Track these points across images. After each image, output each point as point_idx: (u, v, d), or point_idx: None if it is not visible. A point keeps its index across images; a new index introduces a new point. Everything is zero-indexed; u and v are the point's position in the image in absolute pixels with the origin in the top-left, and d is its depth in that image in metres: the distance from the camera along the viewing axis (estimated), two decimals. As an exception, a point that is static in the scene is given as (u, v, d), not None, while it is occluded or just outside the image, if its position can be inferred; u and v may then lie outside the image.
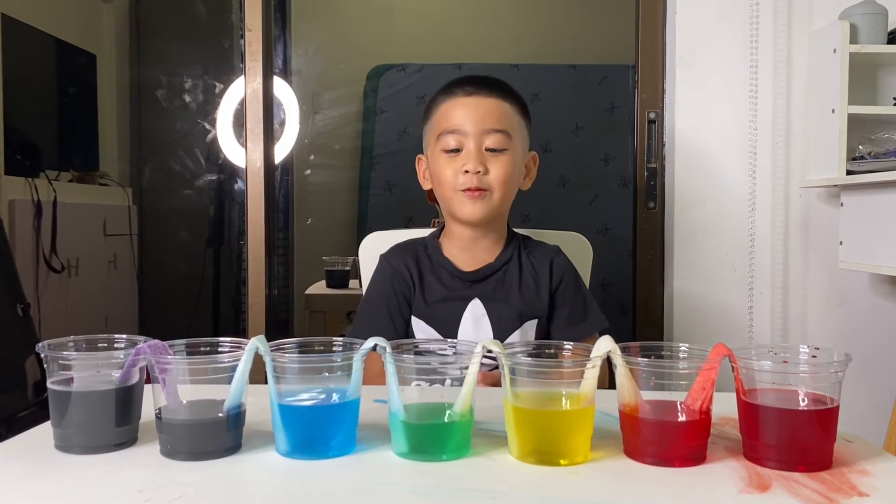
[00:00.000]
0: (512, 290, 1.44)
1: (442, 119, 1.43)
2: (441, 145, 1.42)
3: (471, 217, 1.41)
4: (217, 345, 0.94)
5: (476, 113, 1.40)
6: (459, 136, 1.40)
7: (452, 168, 1.40)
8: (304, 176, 4.54)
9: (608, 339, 0.90)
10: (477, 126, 1.39)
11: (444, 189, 1.43)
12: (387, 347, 0.89)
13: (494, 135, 1.40)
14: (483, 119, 1.40)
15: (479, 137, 1.39)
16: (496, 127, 1.40)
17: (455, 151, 1.40)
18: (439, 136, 1.42)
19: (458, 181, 1.40)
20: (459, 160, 1.40)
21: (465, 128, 1.40)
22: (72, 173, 3.78)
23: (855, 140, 2.05)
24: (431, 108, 1.48)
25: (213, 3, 4.34)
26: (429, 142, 1.48)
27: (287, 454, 0.89)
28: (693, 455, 0.88)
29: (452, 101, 1.43)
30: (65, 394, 0.91)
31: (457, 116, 1.41)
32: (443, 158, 1.42)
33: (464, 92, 1.42)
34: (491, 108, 1.41)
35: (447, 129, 1.41)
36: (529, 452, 0.88)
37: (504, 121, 1.42)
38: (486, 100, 1.42)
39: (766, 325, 2.28)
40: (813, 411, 0.86)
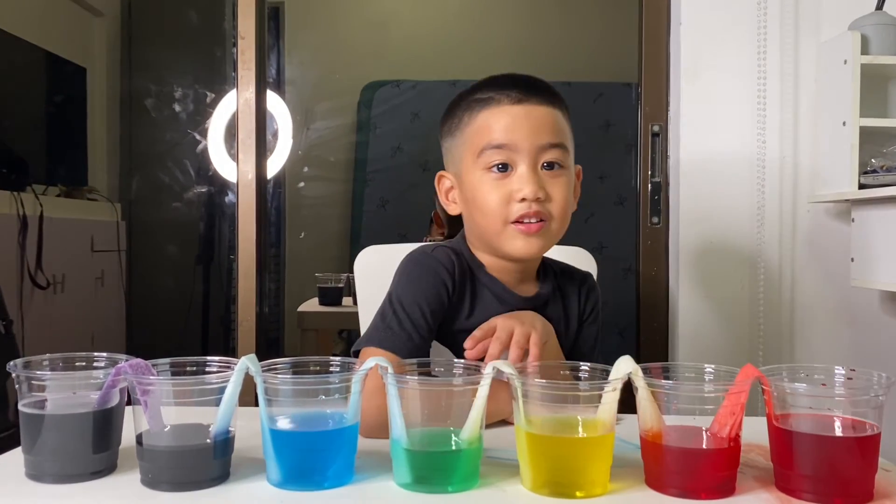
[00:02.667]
0: (559, 320, 1.26)
1: (483, 131, 1.16)
2: (482, 162, 1.15)
3: (524, 255, 1.17)
4: (204, 364, 0.88)
5: (529, 124, 1.14)
6: (508, 152, 1.14)
7: (501, 194, 1.14)
8: (296, 189, 4.51)
9: (628, 359, 0.84)
10: (532, 140, 1.14)
11: (489, 220, 1.16)
12: (388, 368, 0.83)
13: (552, 150, 1.15)
14: (538, 132, 1.14)
15: (534, 154, 1.14)
16: (554, 140, 1.15)
17: (502, 169, 1.15)
18: (481, 151, 1.15)
19: (510, 211, 1.14)
20: (511, 183, 1.14)
21: (515, 142, 1.14)
22: (59, 188, 3.73)
23: (867, 154, 2.01)
24: (462, 115, 1.20)
25: (205, 11, 4.32)
26: (460, 157, 1.20)
27: (279, 484, 0.84)
28: (721, 486, 0.83)
29: (495, 109, 1.16)
30: (37, 417, 0.85)
31: (503, 127, 1.14)
32: (487, 181, 1.15)
33: (510, 99, 1.16)
34: (545, 117, 1.16)
35: (492, 142, 1.14)
36: (543, 483, 0.83)
37: (561, 132, 1.17)
38: (539, 108, 1.16)
39: (775, 346, 2.23)
40: (853, 438, 0.81)
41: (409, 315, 1.14)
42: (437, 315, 1.17)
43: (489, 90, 1.18)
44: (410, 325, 1.13)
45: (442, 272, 1.18)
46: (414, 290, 1.16)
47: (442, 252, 1.21)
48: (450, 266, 1.19)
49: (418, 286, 1.17)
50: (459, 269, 1.20)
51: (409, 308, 1.14)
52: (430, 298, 1.16)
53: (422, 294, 1.16)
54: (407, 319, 1.13)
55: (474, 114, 1.18)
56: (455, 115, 1.22)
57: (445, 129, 1.25)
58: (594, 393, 0.83)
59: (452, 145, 1.23)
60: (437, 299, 1.16)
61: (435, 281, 1.17)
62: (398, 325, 1.13)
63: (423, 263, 1.19)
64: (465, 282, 1.21)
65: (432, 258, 1.20)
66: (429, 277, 1.17)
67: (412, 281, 1.18)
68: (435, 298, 1.16)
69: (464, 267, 1.21)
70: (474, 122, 1.18)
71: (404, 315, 1.14)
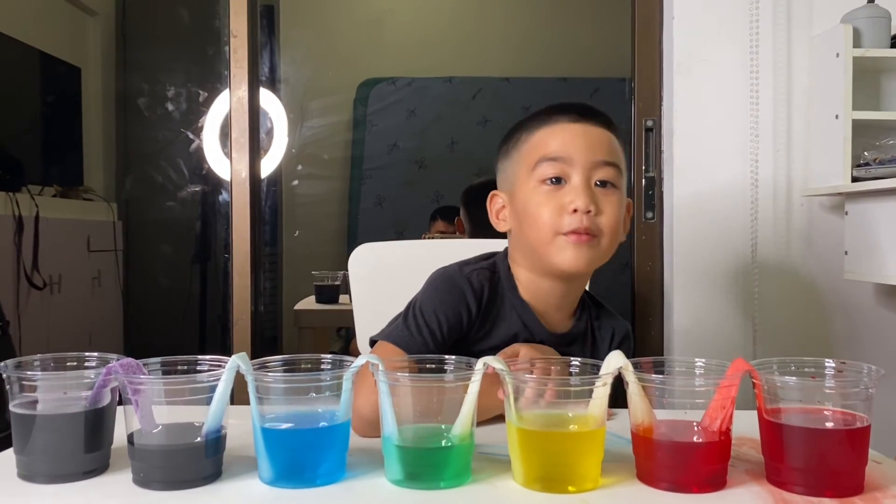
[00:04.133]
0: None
1: (539, 145, 1.18)
2: (537, 175, 1.16)
3: (572, 266, 1.15)
4: (195, 363, 0.88)
5: (586, 140, 1.16)
6: (563, 166, 1.15)
7: (553, 205, 1.14)
8: (291, 187, 4.50)
9: (619, 354, 0.84)
10: (587, 156, 1.15)
11: (540, 232, 1.16)
12: (379, 365, 0.83)
13: (606, 168, 1.16)
14: (593, 148, 1.16)
15: (588, 170, 1.15)
16: (608, 158, 1.16)
17: (556, 182, 1.15)
18: (536, 163, 1.17)
19: (562, 222, 1.13)
20: (563, 195, 1.14)
21: (571, 155, 1.15)
22: (55, 188, 3.73)
23: (859, 147, 2.01)
24: (519, 136, 1.22)
25: (199, 10, 4.30)
26: (516, 174, 1.21)
27: (271, 482, 0.83)
28: (712, 480, 0.83)
29: (553, 126, 1.18)
30: (28, 417, 0.85)
31: (560, 142, 1.16)
32: (541, 192, 1.16)
33: (568, 118, 1.18)
34: (601, 137, 1.18)
35: (547, 155, 1.16)
36: (535, 478, 0.83)
37: (615, 153, 1.18)
38: (596, 128, 1.18)
39: (770, 339, 2.23)
40: (843, 431, 0.81)
41: (428, 323, 1.16)
42: (454, 332, 1.18)
43: (548, 113, 1.21)
44: (428, 331, 1.15)
45: (468, 293, 1.19)
46: (437, 302, 1.18)
47: (475, 275, 1.22)
48: (479, 290, 1.20)
49: (442, 300, 1.19)
50: (490, 293, 1.21)
51: (428, 317, 1.17)
52: (450, 315, 1.18)
53: (443, 308, 1.18)
54: (425, 326, 1.16)
55: (532, 132, 1.20)
56: (513, 137, 1.24)
57: (503, 151, 1.26)
58: (585, 388, 0.83)
59: (508, 165, 1.25)
60: (457, 318, 1.18)
61: (459, 300, 1.19)
62: (416, 329, 1.16)
63: (452, 280, 1.21)
64: (493, 305, 1.22)
65: (463, 279, 1.21)
66: (454, 295, 1.19)
67: (438, 293, 1.20)
68: (455, 316, 1.18)
69: (495, 290, 1.22)
70: (531, 139, 1.20)
71: (423, 322, 1.16)
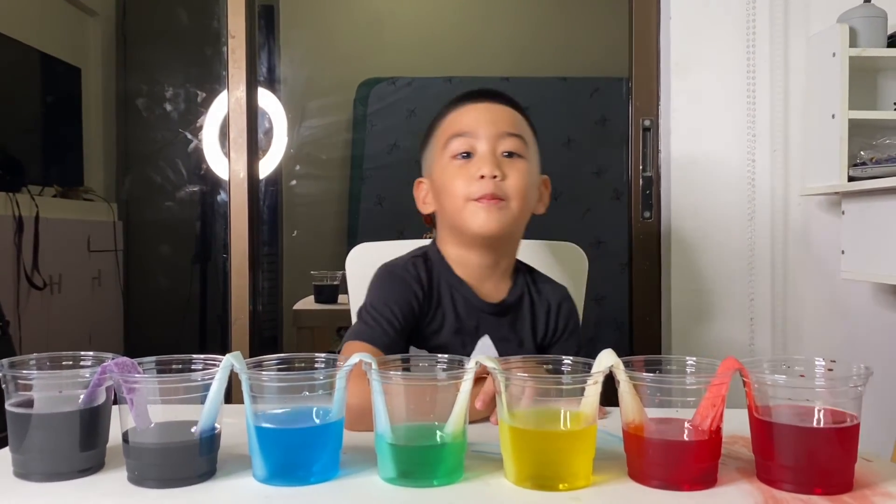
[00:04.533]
0: (524, 329, 1.31)
1: (449, 127, 1.30)
2: (450, 151, 1.27)
3: (485, 228, 1.23)
4: (190, 362, 0.88)
5: (489, 116, 1.28)
6: (470, 140, 1.26)
7: (464, 176, 1.25)
8: (291, 187, 4.50)
9: (610, 352, 0.84)
10: (490, 129, 1.26)
11: (454, 200, 1.26)
12: (372, 364, 0.83)
13: (510, 139, 1.26)
14: (497, 122, 1.27)
15: (493, 141, 1.25)
16: (511, 130, 1.27)
17: (466, 157, 1.26)
18: (447, 141, 1.28)
19: (471, 190, 1.23)
20: (472, 166, 1.25)
21: (476, 130, 1.26)
22: (55, 188, 3.73)
23: (856, 146, 2.01)
24: (435, 124, 1.35)
25: (198, 11, 4.30)
26: (433, 157, 1.32)
27: (265, 480, 0.84)
28: (703, 477, 0.83)
29: (461, 108, 1.31)
30: (24, 416, 0.85)
31: (467, 120, 1.28)
32: (452, 166, 1.27)
33: (473, 100, 1.31)
34: (504, 113, 1.29)
35: (455, 132, 1.27)
36: (527, 476, 0.83)
37: (519, 126, 1.29)
38: (499, 106, 1.30)
39: (767, 338, 2.23)
40: (833, 429, 0.81)
41: (382, 314, 1.22)
42: (409, 318, 1.24)
43: (457, 99, 1.33)
44: (385, 321, 1.21)
45: (412, 281, 1.26)
46: (386, 295, 1.25)
47: (411, 264, 1.30)
48: (419, 276, 1.27)
49: (390, 292, 1.25)
50: (428, 277, 1.28)
51: (381, 309, 1.22)
52: (401, 303, 1.24)
53: (393, 298, 1.24)
54: (381, 317, 1.21)
55: (444, 117, 1.33)
56: (431, 126, 1.36)
57: (423, 144, 1.37)
58: (576, 386, 0.83)
59: (427, 153, 1.36)
60: (408, 305, 1.24)
61: (405, 288, 1.26)
62: (373, 321, 1.21)
63: (393, 273, 1.29)
64: (434, 289, 1.28)
65: (403, 270, 1.28)
66: (399, 284, 1.26)
67: (384, 288, 1.27)
68: (406, 304, 1.24)
69: (431, 274, 1.29)
70: (443, 123, 1.32)
71: (378, 314, 1.22)
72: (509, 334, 1.29)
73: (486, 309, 1.28)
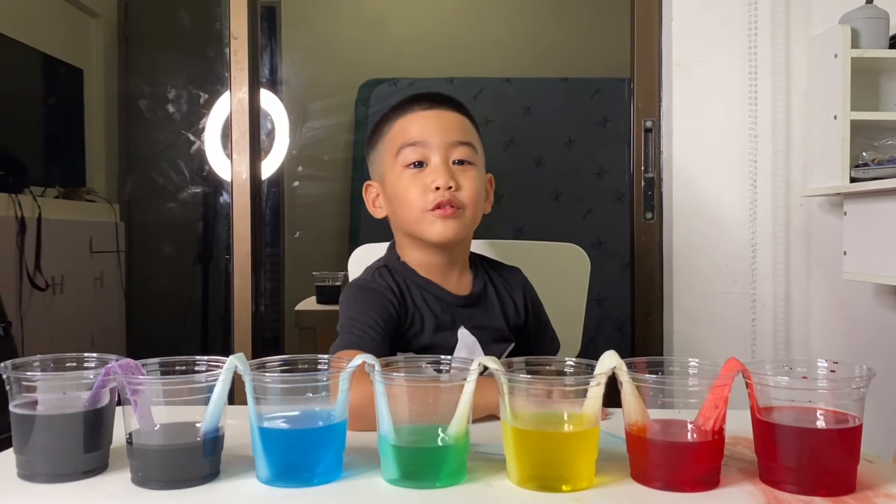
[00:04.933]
0: (495, 316, 1.36)
1: (399, 134, 1.30)
2: (401, 160, 1.28)
3: (442, 237, 1.27)
4: (194, 363, 0.88)
5: (440, 124, 1.29)
6: (422, 149, 1.27)
7: (418, 186, 1.26)
8: (293, 188, 4.50)
9: (613, 354, 0.84)
10: (442, 138, 1.27)
11: (410, 211, 1.28)
12: (375, 365, 0.84)
13: (461, 147, 1.28)
14: (447, 131, 1.29)
15: (445, 150, 1.27)
16: (461, 139, 1.29)
17: (418, 166, 1.27)
18: (399, 150, 1.29)
19: (427, 200, 1.26)
20: (426, 176, 1.26)
21: (428, 140, 1.27)
22: (57, 189, 3.73)
23: (858, 147, 2.01)
24: (382, 128, 1.35)
25: (200, 12, 4.31)
26: (383, 162, 1.33)
27: (268, 481, 0.84)
28: (705, 479, 0.83)
29: (410, 115, 1.31)
30: (28, 417, 0.85)
31: (417, 128, 1.29)
32: (405, 176, 1.28)
33: (421, 107, 1.31)
34: (454, 120, 1.31)
35: (406, 141, 1.28)
36: (529, 478, 0.83)
37: (468, 133, 1.31)
38: (447, 113, 1.31)
39: (769, 339, 2.23)
40: (835, 430, 0.81)
41: (365, 323, 1.22)
42: (390, 325, 1.25)
43: (403, 104, 1.33)
44: (369, 328, 1.21)
45: (386, 293, 1.28)
46: (363, 307, 1.25)
47: (377, 276, 1.31)
48: (389, 286, 1.29)
49: (366, 304, 1.26)
50: (397, 284, 1.30)
51: (363, 320, 1.23)
52: (380, 310, 1.25)
53: (372, 307, 1.25)
54: (365, 326, 1.22)
55: (393, 122, 1.32)
56: (377, 130, 1.36)
57: (370, 144, 1.38)
58: (579, 388, 0.84)
59: (376, 156, 1.36)
60: (387, 312, 1.25)
61: (379, 297, 1.27)
62: (359, 331, 1.21)
63: (364, 287, 1.30)
64: (405, 294, 1.30)
65: (374, 283, 1.30)
66: (373, 295, 1.27)
67: (359, 302, 1.27)
68: (385, 312, 1.25)
69: (399, 281, 1.31)
70: (392, 129, 1.32)
71: (360, 324, 1.22)
72: (483, 322, 1.33)
73: (458, 302, 1.32)
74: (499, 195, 3.78)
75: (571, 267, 1.75)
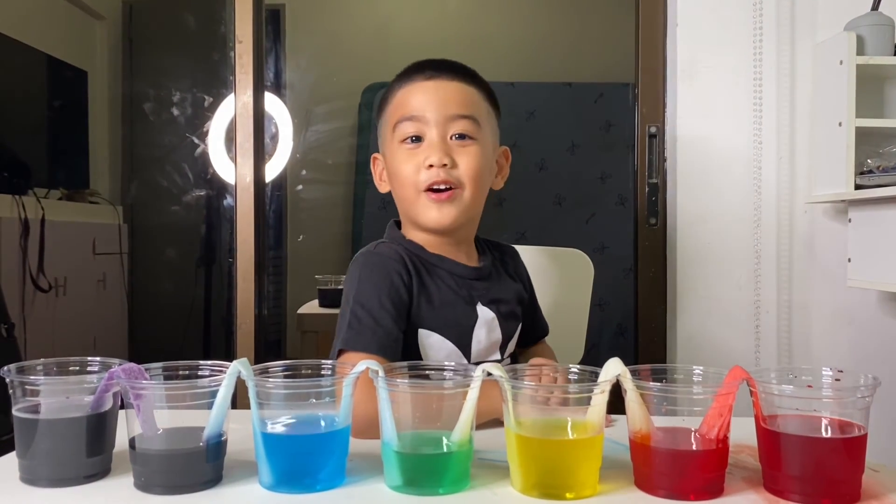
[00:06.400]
0: (507, 290, 1.32)
1: (398, 106, 1.25)
2: (398, 135, 1.23)
3: (438, 224, 1.22)
4: (197, 368, 0.88)
5: (438, 97, 1.22)
6: (419, 124, 1.22)
7: (413, 163, 1.21)
8: (296, 192, 4.50)
9: (617, 361, 0.84)
10: (440, 112, 1.21)
11: (405, 189, 1.23)
12: (379, 371, 0.83)
13: (460, 121, 1.22)
14: (446, 104, 1.22)
15: (442, 125, 1.21)
16: (462, 112, 1.22)
17: (415, 141, 1.22)
18: (396, 124, 1.23)
19: (420, 178, 1.21)
20: (421, 153, 1.21)
21: (425, 114, 1.21)
22: (61, 191, 3.74)
23: (863, 154, 2.00)
24: (387, 97, 1.29)
25: (205, 16, 4.31)
26: (384, 136, 1.28)
27: (271, 487, 0.84)
28: (709, 487, 0.83)
29: (410, 86, 1.25)
30: (31, 421, 0.85)
31: (415, 101, 1.23)
32: (401, 151, 1.23)
33: (423, 76, 1.24)
34: (455, 91, 1.24)
35: (404, 115, 1.23)
36: (533, 485, 0.83)
37: (471, 106, 1.24)
38: (450, 83, 1.24)
39: (773, 346, 2.23)
40: (840, 439, 0.81)
41: (371, 312, 1.15)
42: (401, 306, 1.18)
43: (408, 71, 1.27)
44: (374, 323, 1.14)
45: (393, 265, 1.20)
46: (370, 287, 1.18)
47: (386, 247, 1.24)
48: (398, 258, 1.21)
49: (374, 283, 1.18)
50: (408, 258, 1.22)
51: (369, 304, 1.15)
52: (392, 293, 1.17)
53: (380, 289, 1.17)
54: (370, 317, 1.14)
55: (394, 92, 1.27)
56: (383, 98, 1.30)
57: (377, 114, 1.32)
58: (583, 395, 0.83)
59: (380, 126, 1.31)
60: (396, 291, 1.18)
61: (389, 274, 1.19)
62: (375, 324, 1.14)
63: (372, 262, 1.22)
64: (418, 268, 1.23)
65: (380, 255, 1.23)
66: (382, 273, 1.19)
67: (365, 280, 1.19)
68: (395, 292, 1.18)
69: (410, 255, 1.23)
70: (393, 100, 1.27)
71: (366, 313, 1.15)
72: (497, 295, 1.28)
73: (471, 275, 1.26)
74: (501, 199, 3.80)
75: (575, 272, 1.75)
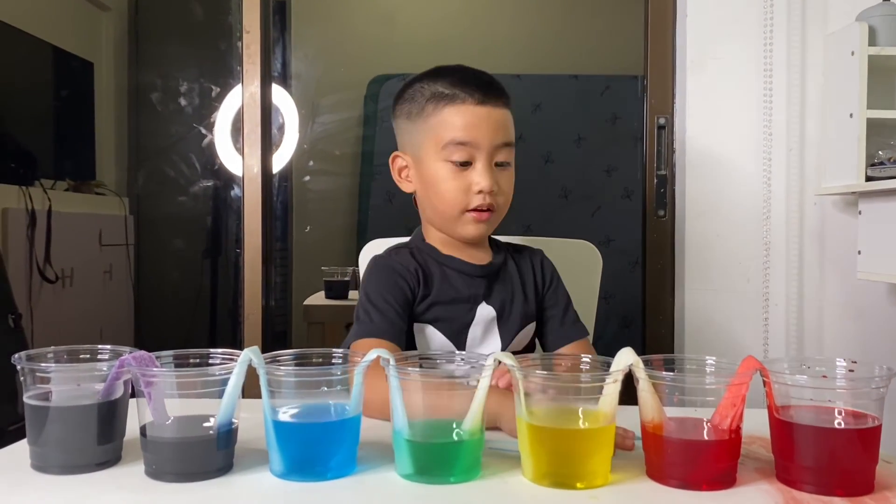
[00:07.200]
0: (515, 290, 1.36)
1: (448, 126, 1.27)
2: (446, 154, 1.26)
3: (474, 237, 1.31)
4: (208, 356, 0.88)
5: (489, 125, 1.26)
6: (470, 150, 1.26)
7: (460, 185, 1.26)
8: (303, 183, 4.50)
9: (629, 351, 0.84)
10: (491, 141, 1.26)
11: (448, 207, 1.28)
12: (390, 360, 0.83)
13: (504, 149, 1.28)
14: (496, 133, 1.27)
15: (491, 153, 1.27)
16: (507, 140, 1.29)
17: (463, 165, 1.26)
18: (444, 145, 1.26)
19: (468, 200, 1.27)
20: (468, 176, 1.26)
21: (477, 141, 1.25)
22: (67, 182, 3.74)
23: (874, 145, 1.99)
24: (425, 105, 1.30)
25: (212, 6, 4.30)
26: (421, 144, 1.30)
27: (282, 475, 0.84)
28: (722, 477, 0.83)
29: (461, 107, 1.27)
30: (42, 409, 0.85)
31: (469, 127, 1.26)
32: (446, 170, 1.27)
33: (474, 99, 1.27)
34: (502, 119, 1.29)
35: (456, 139, 1.26)
36: (544, 474, 0.83)
37: (511, 132, 1.31)
38: (497, 110, 1.28)
39: (782, 338, 2.22)
40: (854, 430, 0.80)
41: (377, 306, 1.26)
42: (404, 304, 1.28)
43: (454, 86, 1.28)
44: (380, 315, 1.25)
45: (400, 270, 1.30)
46: (377, 286, 1.29)
47: (400, 254, 1.35)
48: (407, 264, 1.31)
49: (381, 283, 1.29)
50: (419, 264, 1.32)
51: (376, 300, 1.26)
52: (395, 292, 1.28)
53: (388, 287, 1.28)
54: (376, 310, 1.25)
55: (439, 107, 1.28)
56: (416, 102, 1.32)
57: (403, 111, 1.34)
58: (595, 384, 0.83)
59: (413, 130, 1.32)
60: (401, 291, 1.28)
61: (394, 277, 1.29)
62: (377, 316, 1.25)
63: (382, 265, 1.33)
64: (428, 270, 1.32)
65: (391, 260, 1.33)
66: (389, 275, 1.30)
67: (373, 281, 1.31)
68: (398, 291, 1.28)
69: (423, 260, 1.33)
70: (439, 115, 1.28)
71: (373, 307, 1.26)
72: (504, 294, 1.35)
73: (477, 272, 1.33)
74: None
75: (583, 264, 1.74)
